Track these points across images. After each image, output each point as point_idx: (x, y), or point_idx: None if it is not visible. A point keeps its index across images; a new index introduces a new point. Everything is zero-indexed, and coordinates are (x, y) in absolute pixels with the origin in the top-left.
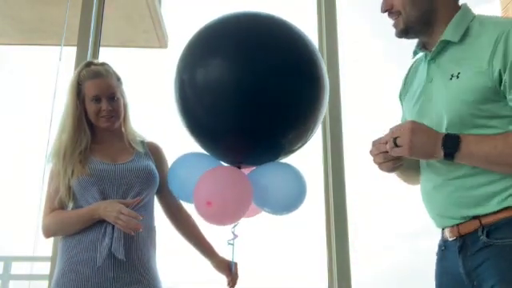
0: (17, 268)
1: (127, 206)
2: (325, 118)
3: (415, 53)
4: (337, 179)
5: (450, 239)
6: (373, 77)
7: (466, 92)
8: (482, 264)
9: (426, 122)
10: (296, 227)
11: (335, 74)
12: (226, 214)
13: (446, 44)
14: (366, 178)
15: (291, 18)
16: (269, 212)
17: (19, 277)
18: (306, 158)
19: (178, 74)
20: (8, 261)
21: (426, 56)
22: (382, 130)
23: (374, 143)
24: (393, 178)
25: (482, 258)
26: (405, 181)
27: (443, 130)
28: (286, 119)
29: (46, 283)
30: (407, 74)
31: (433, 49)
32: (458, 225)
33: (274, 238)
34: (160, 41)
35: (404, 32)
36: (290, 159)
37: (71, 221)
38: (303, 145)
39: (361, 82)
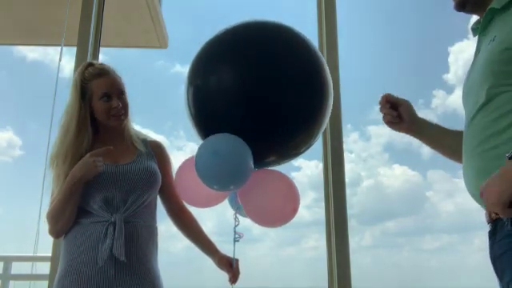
0: (17, 268)
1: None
2: None
3: (473, 30)
4: (337, 179)
5: (488, 224)
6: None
7: (495, 53)
8: (504, 253)
9: (466, 89)
10: (296, 227)
11: (335, 73)
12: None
13: (493, 13)
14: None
15: (291, 17)
16: None
17: (19, 277)
18: (306, 158)
19: (191, 80)
20: (8, 261)
21: (479, 30)
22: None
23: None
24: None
25: (506, 246)
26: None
27: (477, 94)
28: (293, 124)
29: (46, 283)
30: None
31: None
32: None
33: (275, 238)
34: (160, 41)
35: (461, 5)
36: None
37: (60, 201)
38: (308, 148)
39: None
